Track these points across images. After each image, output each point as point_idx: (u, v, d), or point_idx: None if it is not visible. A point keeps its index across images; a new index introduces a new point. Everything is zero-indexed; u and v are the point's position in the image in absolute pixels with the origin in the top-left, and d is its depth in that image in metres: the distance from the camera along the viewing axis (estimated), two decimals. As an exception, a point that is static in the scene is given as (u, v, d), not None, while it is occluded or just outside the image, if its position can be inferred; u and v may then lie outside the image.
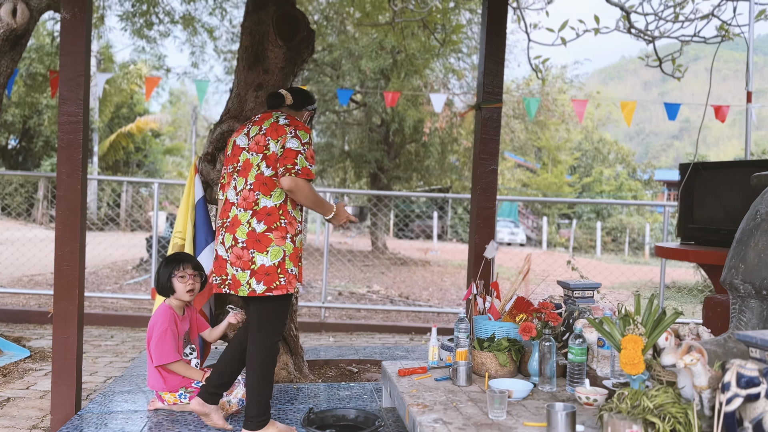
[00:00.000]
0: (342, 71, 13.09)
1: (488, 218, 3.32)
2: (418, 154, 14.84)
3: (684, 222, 3.92)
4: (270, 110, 2.69)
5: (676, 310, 2.23)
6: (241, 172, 2.57)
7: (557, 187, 26.37)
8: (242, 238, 2.48)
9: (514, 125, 15.37)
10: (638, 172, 29.17)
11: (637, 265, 18.20)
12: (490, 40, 3.23)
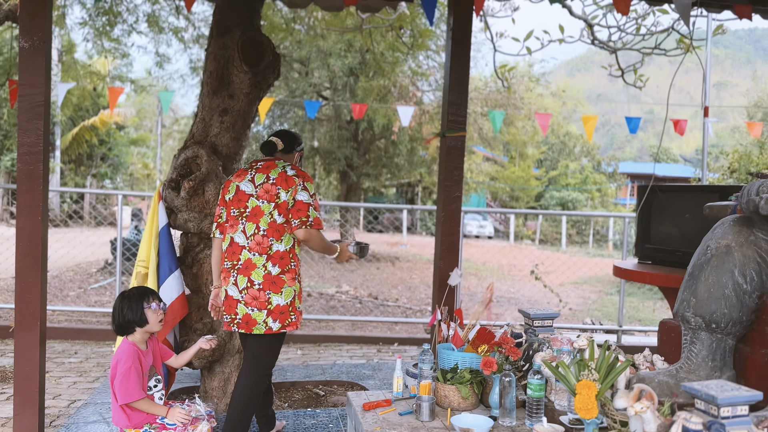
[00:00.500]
0: (311, 68, 13.01)
1: (452, 245, 3.38)
2: (388, 150, 14.88)
3: (641, 242, 4.05)
4: (271, 158, 2.88)
5: (628, 359, 2.32)
6: (250, 217, 2.77)
7: (524, 181, 26.72)
8: (258, 280, 2.72)
9: (482, 123, 15.51)
10: (603, 164, 29.74)
11: (601, 258, 18.63)
12: (454, 74, 3.27)
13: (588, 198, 27.70)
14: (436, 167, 16.49)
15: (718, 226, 2.84)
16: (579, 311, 9.82)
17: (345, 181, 15.22)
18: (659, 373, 2.71)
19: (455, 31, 3.27)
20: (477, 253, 17.76)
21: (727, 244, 2.70)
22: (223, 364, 3.38)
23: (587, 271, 14.08)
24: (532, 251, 19.48)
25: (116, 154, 22.60)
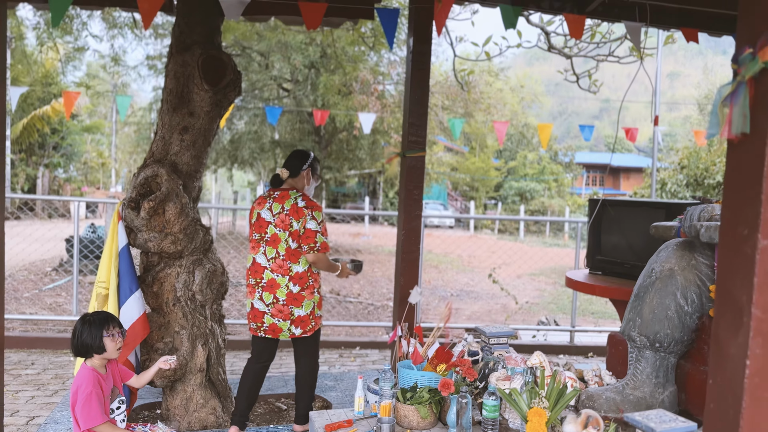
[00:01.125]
0: (271, 60, 12.88)
1: (413, 261, 3.46)
2: (350, 143, 14.90)
3: (592, 253, 4.22)
4: (285, 188, 3.34)
5: (575, 387, 2.45)
6: (269, 242, 3.27)
7: (484, 171, 27.09)
8: (282, 297, 3.26)
9: (443, 116, 15.65)
10: (560, 154, 30.37)
11: (557, 248, 19.13)
12: (414, 96, 3.33)
13: (545, 188, 28.28)
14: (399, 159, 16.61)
15: (662, 250, 3.00)
16: (536, 304, 10.10)
17: (306, 174, 15.19)
18: (607, 390, 2.86)
19: (415, 54, 3.33)
20: (438, 243, 17.98)
21: (670, 267, 2.87)
22: (185, 382, 3.40)
23: (544, 262, 14.45)
24: (492, 241, 19.83)
25: (69, 143, 21.94)
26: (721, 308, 1.46)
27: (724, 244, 1.46)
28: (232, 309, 7.08)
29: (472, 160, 27.46)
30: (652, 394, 2.81)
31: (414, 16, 3.32)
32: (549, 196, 28.39)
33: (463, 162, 27.57)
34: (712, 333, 1.49)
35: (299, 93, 12.81)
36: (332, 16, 3.74)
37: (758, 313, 1.37)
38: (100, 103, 27.65)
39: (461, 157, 27.73)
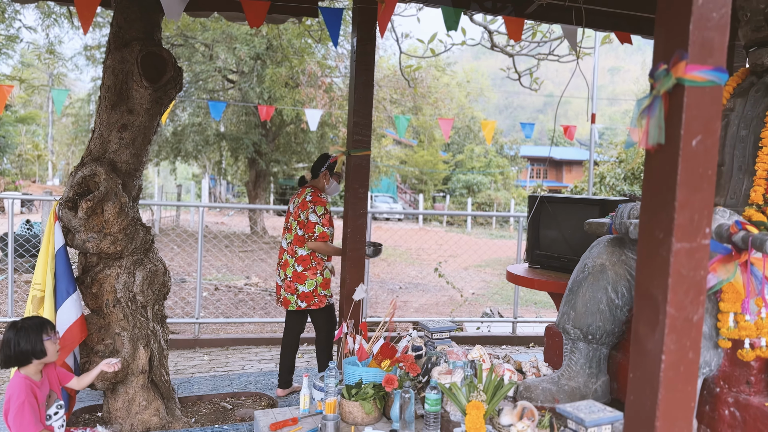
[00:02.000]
0: (216, 51, 12.62)
1: (359, 259, 3.50)
2: (297, 136, 14.76)
3: (532, 248, 4.36)
4: (305, 185, 4.12)
5: (512, 381, 2.55)
6: (287, 229, 4.07)
7: (433, 164, 27.38)
8: (290, 275, 3.97)
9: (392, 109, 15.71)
10: (505, 148, 31.00)
11: (503, 240, 19.56)
12: (358, 95, 3.36)
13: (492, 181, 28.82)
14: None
15: (594, 246, 3.14)
16: (481, 296, 10.32)
17: (254, 167, 14.98)
18: (543, 381, 2.99)
19: (359, 54, 3.35)
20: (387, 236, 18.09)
21: (601, 263, 3.01)
22: (127, 384, 3.34)
23: (490, 254, 14.76)
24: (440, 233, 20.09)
25: (2, 135, 20.92)
26: (640, 306, 1.56)
27: (642, 247, 1.56)
28: (176, 307, 6.96)
29: (420, 154, 27.70)
30: (585, 384, 2.95)
31: (357, 16, 3.34)
32: (495, 188, 28.95)
33: (412, 155, 27.78)
34: (632, 330, 1.59)
35: (245, 85, 12.59)
36: (276, 13, 3.72)
37: (672, 311, 1.48)
38: (35, 93, 26.44)
39: (410, 151, 27.93)
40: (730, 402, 2.41)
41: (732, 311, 2.32)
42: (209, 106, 6.55)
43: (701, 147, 1.44)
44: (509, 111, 64.50)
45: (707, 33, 1.43)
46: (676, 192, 1.44)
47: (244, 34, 11.61)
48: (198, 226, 5.34)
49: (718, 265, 2.24)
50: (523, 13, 4.02)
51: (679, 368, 1.50)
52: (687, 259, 1.47)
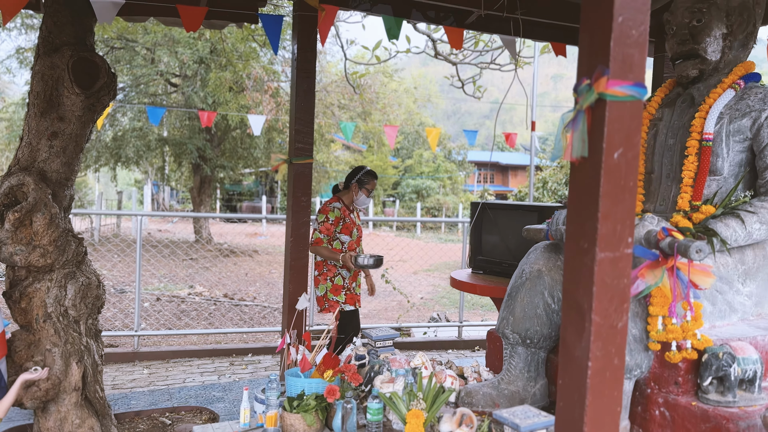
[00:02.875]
0: (158, 55, 12.31)
1: (301, 268, 3.47)
2: (244, 141, 14.55)
3: (474, 253, 4.43)
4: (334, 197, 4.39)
5: (451, 388, 2.58)
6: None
7: (382, 169, 27.46)
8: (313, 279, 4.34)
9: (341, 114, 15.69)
10: (453, 153, 31.40)
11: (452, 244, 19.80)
12: (300, 103, 3.34)
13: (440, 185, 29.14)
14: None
15: (531, 252, 3.21)
16: (430, 300, 10.41)
17: (198, 172, 14.66)
18: (484, 386, 3.03)
19: (300, 62, 3.33)
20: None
21: (538, 268, 3.08)
22: (59, 403, 3.21)
23: (439, 258, 14.91)
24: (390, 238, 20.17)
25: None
26: (567, 314, 1.60)
27: (568, 256, 1.60)
28: (116, 319, 6.73)
29: (370, 159, 27.74)
30: (524, 388, 3.01)
31: (298, 24, 3.32)
32: (444, 193, 29.29)
33: (362, 160, 27.79)
34: (561, 337, 1.64)
35: (188, 89, 12.32)
36: (215, 19, 3.66)
37: (597, 319, 1.52)
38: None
39: (359, 156, 27.94)
40: (660, 402, 2.50)
41: (660, 315, 2.41)
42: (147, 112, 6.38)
43: (623, 159, 1.50)
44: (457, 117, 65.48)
45: (627, 50, 1.49)
46: (599, 203, 1.48)
47: (187, 37, 11.37)
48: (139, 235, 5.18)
49: (646, 270, 2.32)
50: (463, 24, 4.08)
51: (605, 374, 1.54)
52: (611, 268, 1.52)
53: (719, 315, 2.70)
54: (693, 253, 2.17)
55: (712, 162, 2.81)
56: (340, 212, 4.26)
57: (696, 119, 2.86)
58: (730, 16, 2.97)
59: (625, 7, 1.47)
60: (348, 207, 4.36)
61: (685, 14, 3.03)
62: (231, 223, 20.92)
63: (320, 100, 13.97)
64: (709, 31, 2.96)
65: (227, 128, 14.14)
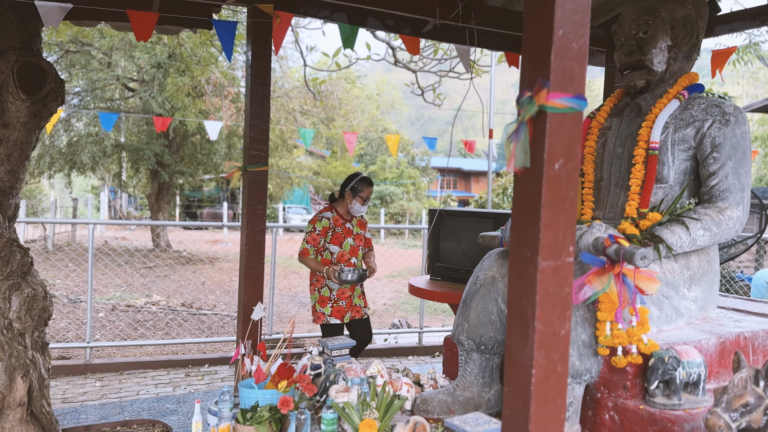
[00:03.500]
0: (114, 59, 12.05)
1: (257, 277, 3.43)
2: (203, 147, 14.34)
3: (432, 260, 4.46)
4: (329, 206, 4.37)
5: (402, 397, 2.58)
6: None
7: (346, 175, 27.44)
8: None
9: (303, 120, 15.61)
10: (416, 159, 31.61)
11: (415, 249, 19.89)
12: (254, 109, 3.31)
13: (404, 191, 29.26)
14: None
15: (486, 258, 3.25)
16: (392, 306, 10.42)
17: (156, 179, 14.38)
18: (439, 393, 3.04)
19: (254, 69, 3.30)
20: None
21: (492, 275, 3.11)
22: (3, 419, 3.09)
23: (401, 263, 14.95)
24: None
25: None
26: (512, 322, 1.62)
27: (512, 265, 1.62)
28: (69, 330, 6.53)
29: (333, 165, 27.71)
30: (479, 394, 3.03)
31: (252, 31, 3.29)
32: (407, 199, 29.41)
33: (325, 166, 27.74)
34: (506, 345, 1.65)
35: (145, 94, 12.08)
36: (167, 25, 3.60)
37: (540, 327, 1.55)
38: None
39: (323, 162, 27.88)
40: (610, 406, 2.55)
41: (608, 320, 2.46)
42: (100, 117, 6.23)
43: (563, 170, 1.53)
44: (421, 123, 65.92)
45: (567, 62, 1.52)
46: (540, 213, 1.51)
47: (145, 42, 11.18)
48: (94, 242, 5.05)
49: (593, 277, 2.37)
50: (420, 33, 4.12)
51: (549, 381, 1.57)
52: (553, 276, 1.54)
53: (666, 319, 2.77)
54: (638, 260, 2.22)
55: (659, 170, 2.89)
56: (329, 222, 4.19)
57: (643, 128, 2.94)
58: (675, 29, 3.07)
59: (565, 20, 1.50)
60: (343, 216, 4.26)
61: (632, 26, 3.11)
62: (191, 230, 20.57)
63: (282, 105, 13.90)
64: (654, 42, 3.05)
65: (186, 134, 13.92)
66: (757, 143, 25.81)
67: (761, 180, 26.78)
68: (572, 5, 1.50)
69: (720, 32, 3.98)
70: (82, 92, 13.06)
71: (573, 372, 2.51)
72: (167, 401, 4.23)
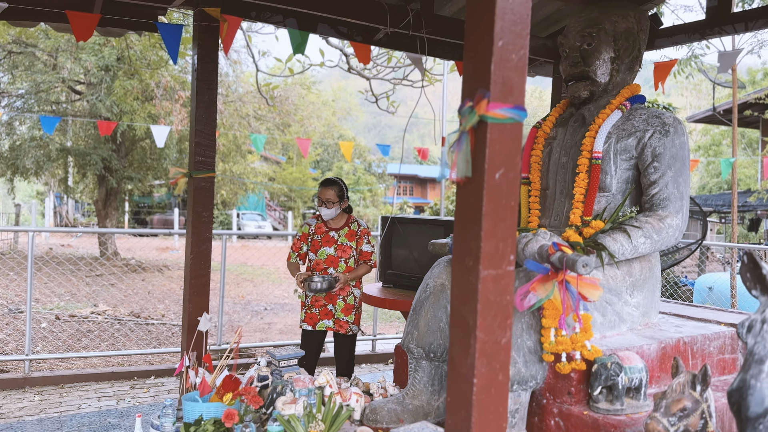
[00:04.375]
0: (60, 61, 11.65)
1: (202, 287, 3.34)
2: (153, 152, 13.99)
3: (385, 267, 4.44)
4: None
5: (349, 408, 2.55)
6: None
7: (302, 182, 27.23)
8: None
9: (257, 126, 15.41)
10: (373, 166, 31.63)
11: (372, 256, 19.87)
12: (200, 114, 3.23)
13: (361, 198, 29.23)
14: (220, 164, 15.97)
15: (435, 266, 3.25)
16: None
17: (103, 184, 13.93)
18: (388, 402, 3.02)
19: (200, 73, 3.23)
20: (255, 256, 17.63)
21: (441, 282, 3.11)
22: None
23: (357, 271, 14.87)
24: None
25: None
26: (454, 331, 1.62)
27: (455, 274, 1.62)
28: (7, 342, 6.25)
29: (289, 171, 27.45)
30: (428, 402, 3.02)
31: (198, 35, 3.22)
32: (364, 205, 29.39)
33: (281, 172, 27.46)
34: (449, 354, 1.65)
35: (92, 97, 11.71)
36: (110, 26, 3.49)
37: (482, 336, 1.54)
38: None
39: (278, 167, 27.59)
40: (555, 412, 2.58)
41: (553, 327, 2.49)
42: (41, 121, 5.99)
43: (504, 180, 1.53)
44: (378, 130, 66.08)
45: (507, 73, 1.53)
46: (482, 222, 1.51)
47: (92, 43, 10.84)
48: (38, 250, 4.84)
49: (538, 284, 2.40)
50: (371, 40, 4.11)
51: (490, 390, 1.57)
52: (494, 285, 1.54)
53: (609, 325, 2.83)
54: (580, 267, 2.26)
55: (602, 179, 2.96)
56: (310, 228, 4.09)
57: (586, 138, 3.00)
58: (618, 41, 3.15)
59: (505, 31, 1.51)
60: (328, 224, 4.10)
61: (576, 38, 3.18)
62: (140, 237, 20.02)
63: (236, 110, 13.70)
64: (598, 54, 3.12)
65: (135, 138, 13.55)
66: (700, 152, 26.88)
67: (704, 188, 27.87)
68: (512, 17, 1.51)
69: (662, 45, 4.11)
70: (26, 95, 12.58)
71: (519, 379, 2.53)
72: (109, 415, 4.08)
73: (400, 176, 35.39)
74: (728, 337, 2.97)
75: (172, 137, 13.20)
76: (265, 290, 12.51)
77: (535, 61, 4.48)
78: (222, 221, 24.99)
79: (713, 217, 18.61)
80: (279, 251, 20.05)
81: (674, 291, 8.79)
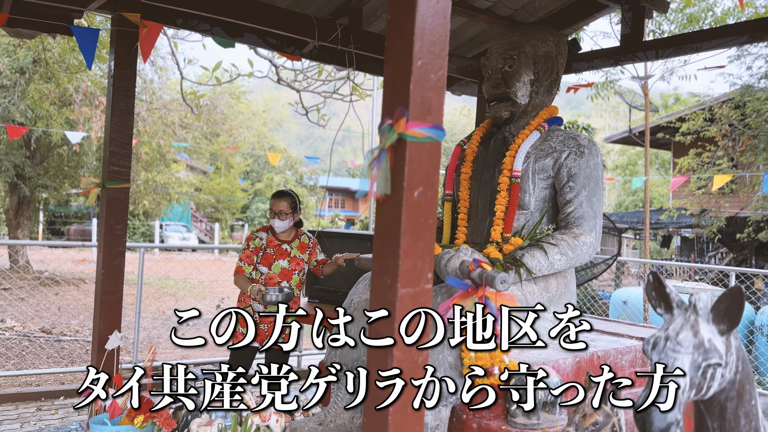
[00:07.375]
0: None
1: (114, 303, 3.18)
2: (71, 160, 13.29)
3: (311, 282, 4.39)
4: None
5: (268, 428, 2.49)
6: None
7: (230, 192, 26.65)
8: None
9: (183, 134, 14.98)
10: (305, 177, 31.38)
11: (301, 269, 19.63)
12: (116, 123, 3.09)
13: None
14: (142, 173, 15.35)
15: (360, 282, 3.24)
16: (274, 328, 10.15)
17: (15, 192, 13.10)
18: (309, 421, 2.96)
19: (117, 79, 3.09)
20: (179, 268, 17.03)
21: (366, 298, 3.10)
22: None
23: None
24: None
25: None
26: (372, 349, 1.60)
27: (374, 291, 1.61)
28: None
29: (217, 181, 26.82)
30: (351, 420, 2.99)
31: (115, 40, 3.09)
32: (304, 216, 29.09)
33: (208, 182, 26.78)
34: (368, 371, 1.63)
35: (5, 101, 11.03)
36: (21, 27, 3.30)
37: (399, 354, 1.54)
38: None
39: (205, 177, 26.90)
40: (475, 428, 2.61)
41: (473, 342, 2.52)
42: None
43: (422, 198, 1.54)
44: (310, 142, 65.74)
45: (426, 93, 1.54)
46: (400, 240, 1.51)
47: (6, 44, 10.23)
48: None
49: (459, 299, 2.43)
50: (301, 53, 4.08)
51: (406, 411, 1.56)
52: (411, 303, 1.54)
53: (527, 340, 2.89)
54: (498, 283, 2.30)
55: (521, 197, 3.04)
56: (262, 242, 3.92)
57: (507, 157, 3.08)
58: (537, 64, 3.26)
59: (424, 51, 1.53)
60: (279, 237, 3.94)
61: (498, 60, 3.28)
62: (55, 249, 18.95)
63: (160, 118, 13.26)
64: (519, 76, 3.22)
65: (51, 145, 12.84)
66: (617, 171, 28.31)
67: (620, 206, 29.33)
68: (431, 37, 1.53)
69: (580, 69, 4.30)
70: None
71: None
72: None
73: (332, 189, 35.30)
74: (639, 351, 3.11)
75: (91, 144, 12.60)
76: (188, 305, 12.10)
77: (461, 81, 4.58)
78: (144, 232, 24.03)
79: (629, 234, 19.61)
80: (203, 264, 19.45)
81: (592, 304, 9.16)
